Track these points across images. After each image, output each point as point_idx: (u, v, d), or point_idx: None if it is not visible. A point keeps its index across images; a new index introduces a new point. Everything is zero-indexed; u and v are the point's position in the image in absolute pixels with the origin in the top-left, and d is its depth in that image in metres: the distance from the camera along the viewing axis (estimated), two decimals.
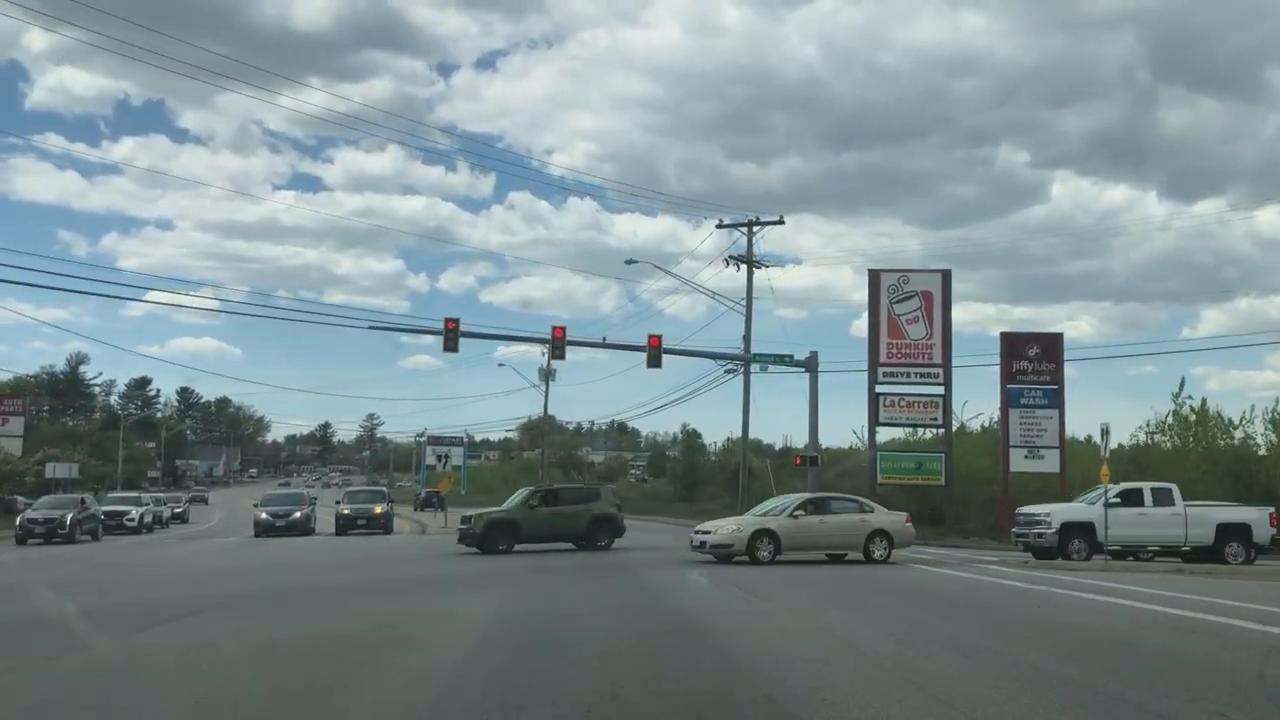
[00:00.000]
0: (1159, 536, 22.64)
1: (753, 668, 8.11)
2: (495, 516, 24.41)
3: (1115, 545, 22.13)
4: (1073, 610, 12.35)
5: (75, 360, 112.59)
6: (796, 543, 20.37)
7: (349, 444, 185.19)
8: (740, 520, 21.19)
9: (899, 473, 34.96)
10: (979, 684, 7.34)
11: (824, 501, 22.04)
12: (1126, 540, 22.45)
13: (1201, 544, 22.39)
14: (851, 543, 20.82)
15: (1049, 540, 22.44)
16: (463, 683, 7.68)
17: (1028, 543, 23.10)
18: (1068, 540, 22.36)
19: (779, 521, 20.53)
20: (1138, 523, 22.42)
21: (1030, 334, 35.77)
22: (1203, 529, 22.44)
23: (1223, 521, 22.56)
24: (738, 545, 19.97)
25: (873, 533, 20.81)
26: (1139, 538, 22.62)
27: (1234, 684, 7.45)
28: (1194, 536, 22.44)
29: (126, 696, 7.76)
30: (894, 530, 21.14)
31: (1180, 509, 22.68)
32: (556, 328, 36.52)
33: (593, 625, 10.96)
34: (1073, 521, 22.61)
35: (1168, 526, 22.53)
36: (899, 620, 11.30)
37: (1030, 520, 23.34)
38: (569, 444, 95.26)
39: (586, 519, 24.53)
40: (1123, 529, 22.14)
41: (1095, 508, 22.37)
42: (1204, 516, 22.68)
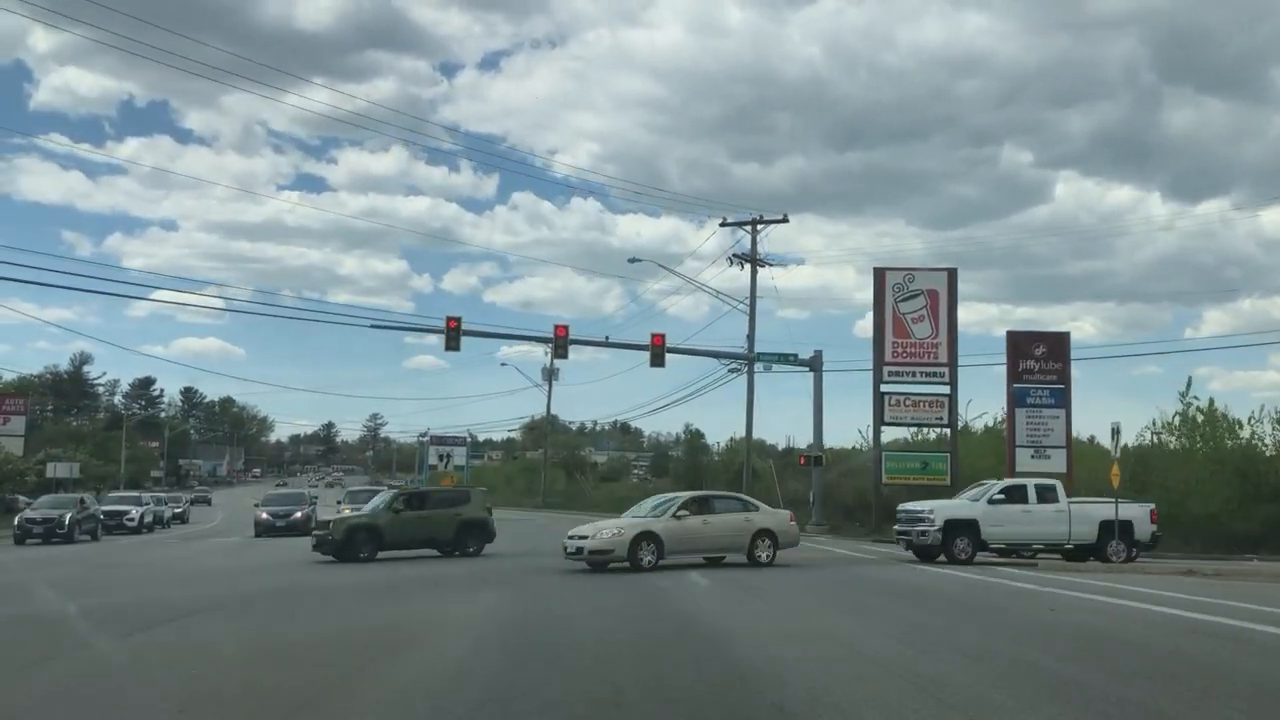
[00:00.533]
0: (1043, 534, 21.81)
1: (759, 673, 7.86)
2: (356, 521, 22.60)
3: (999, 543, 21.63)
4: (1086, 612, 12.08)
5: (79, 360, 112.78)
6: (680, 545, 18.79)
7: (352, 444, 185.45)
8: (621, 522, 19.38)
9: (904, 473, 34.71)
10: (994, 690, 7.09)
11: (708, 500, 20.44)
12: (1011, 538, 21.77)
13: (1084, 541, 21.73)
14: (736, 545, 19.39)
15: (932, 539, 21.33)
16: (460, 687, 7.44)
17: (910, 541, 22.00)
18: (952, 539, 21.26)
19: (663, 523, 18.81)
20: (1022, 520, 21.62)
21: (1037, 333, 35.46)
22: (1086, 526, 21.73)
23: (1106, 519, 21.78)
24: (619, 550, 18.20)
25: (757, 533, 19.50)
26: (1024, 535, 21.82)
27: (1257, 690, 7.20)
28: (1077, 534, 21.72)
29: (115, 700, 7.55)
30: (779, 530, 19.89)
31: (1064, 506, 21.93)
32: (559, 327, 36.40)
33: (588, 627, 10.72)
34: (957, 519, 21.53)
35: (1052, 524, 21.68)
36: (907, 623, 11.04)
37: (912, 517, 22.16)
38: (572, 444, 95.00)
39: (455, 524, 22.83)
40: (1008, 526, 21.51)
41: (980, 505, 21.71)
42: (1087, 513, 21.95)
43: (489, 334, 41.61)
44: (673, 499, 20.17)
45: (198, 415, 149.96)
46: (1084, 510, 22.04)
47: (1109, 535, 21.60)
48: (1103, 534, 21.65)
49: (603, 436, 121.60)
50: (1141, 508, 22.43)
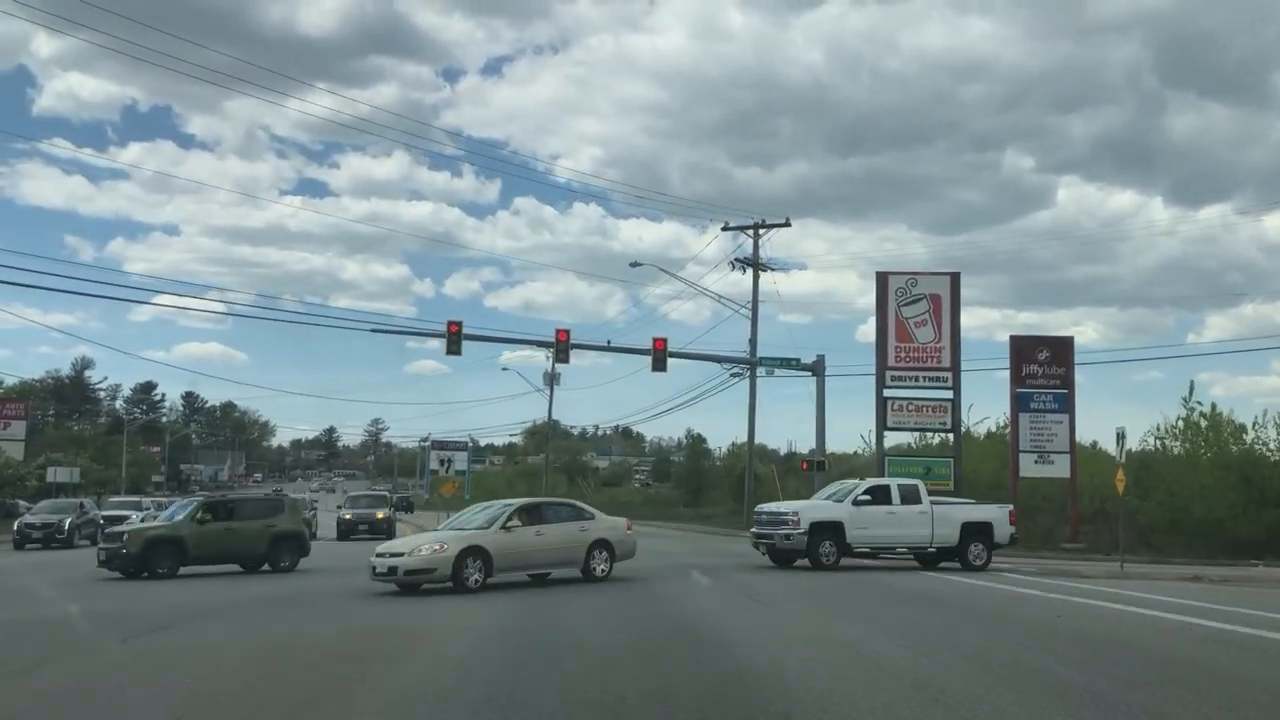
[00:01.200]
0: (908, 536, 20.79)
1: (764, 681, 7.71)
2: (156, 533, 20.10)
3: (864, 546, 20.70)
4: (1095, 620, 11.93)
5: (81, 365, 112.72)
6: (511, 561, 16.38)
7: (354, 449, 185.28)
8: (443, 535, 16.79)
9: (907, 478, 34.53)
10: (1003, 698, 6.94)
11: (539, 509, 17.79)
12: (876, 541, 20.77)
13: (946, 544, 20.80)
14: (570, 558, 17.26)
15: (797, 542, 19.95)
16: (459, 694, 7.30)
17: (772, 545, 20.48)
18: (817, 542, 19.94)
19: (491, 536, 16.21)
20: (887, 522, 20.51)
21: (1040, 337, 35.30)
22: (948, 528, 20.73)
23: (967, 520, 20.95)
24: (441, 569, 15.51)
25: (594, 545, 17.42)
26: (889, 538, 20.78)
27: (1276, 700, 7.04)
28: (940, 536, 20.72)
29: (112, 703, 7.44)
30: (616, 541, 17.80)
31: (927, 507, 20.85)
32: (560, 331, 36.24)
33: (588, 636, 10.58)
34: (822, 521, 20.18)
35: (916, 526, 20.67)
36: (914, 630, 10.88)
37: (775, 519, 20.65)
38: (573, 449, 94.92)
39: (267, 537, 20.60)
40: (872, 529, 20.44)
41: (845, 506, 20.52)
42: (949, 515, 20.99)
43: (490, 338, 41.49)
44: (502, 507, 17.56)
45: (199, 420, 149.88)
46: (946, 512, 21.11)
47: (970, 537, 20.80)
48: (964, 536, 20.78)
49: (604, 441, 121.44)
50: (1000, 509, 21.72)
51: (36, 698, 7.72)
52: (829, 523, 20.23)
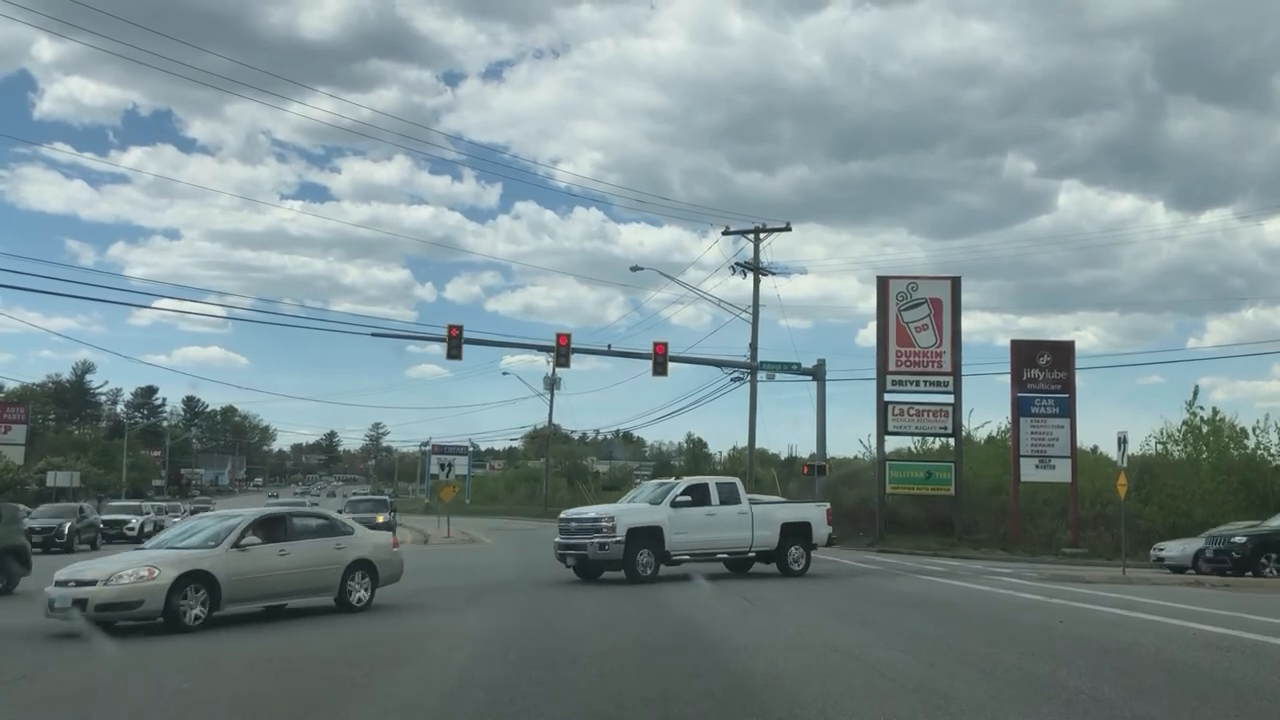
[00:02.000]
0: (728, 540, 18.93)
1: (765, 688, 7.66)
2: None
3: (683, 553, 18.52)
4: (1098, 625, 11.87)
5: (81, 369, 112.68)
6: (246, 589, 12.65)
7: (355, 453, 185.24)
8: (154, 556, 12.57)
9: (908, 482, 34.51)
10: (1009, 707, 6.89)
11: (282, 521, 13.75)
12: (696, 547, 18.61)
13: (766, 547, 19.25)
14: (323, 583, 13.63)
15: (613, 552, 17.62)
16: (458, 703, 7.26)
17: (582, 556, 17.96)
18: (635, 551, 17.67)
19: (218, 557, 12.42)
20: (707, 525, 18.56)
21: (1041, 341, 35.28)
22: (768, 530, 19.17)
23: (786, 521, 19.53)
24: (151, 601, 11.61)
25: (352, 566, 13.94)
26: (709, 543, 18.76)
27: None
28: (760, 539, 19.10)
29: (105, 713, 7.39)
30: (380, 561, 14.43)
31: (746, 507, 19.19)
32: (561, 335, 36.21)
33: (588, 642, 10.53)
34: (640, 527, 17.94)
35: (736, 528, 18.93)
36: (916, 636, 10.83)
37: (586, 527, 18.16)
38: (574, 453, 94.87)
39: None
40: (692, 534, 18.41)
41: (663, 509, 18.40)
42: (769, 516, 19.41)
43: (491, 342, 41.47)
44: (234, 519, 13.50)
45: (200, 424, 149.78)
46: (766, 512, 19.55)
47: (789, 539, 19.41)
48: (783, 538, 19.36)
49: (607, 446, 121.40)
50: (819, 508, 20.59)
51: (35, 703, 7.68)
52: (647, 528, 18.02)
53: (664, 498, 18.75)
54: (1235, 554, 21.86)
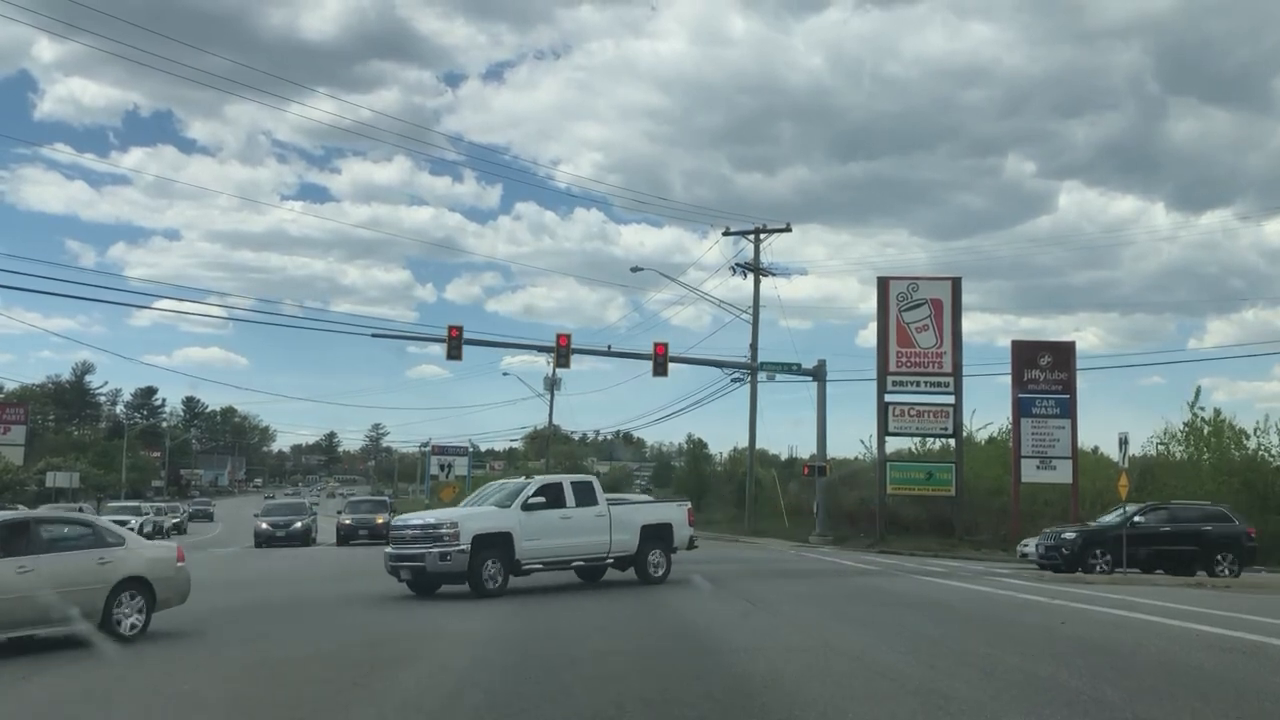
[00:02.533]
0: (585, 546, 17.03)
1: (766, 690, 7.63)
2: None
3: (535, 562, 16.46)
4: (1100, 626, 11.84)
5: (81, 370, 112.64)
6: None
7: (354, 453, 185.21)
8: None
9: (909, 483, 34.50)
10: (1011, 708, 6.86)
11: (25, 528, 11.16)
12: (550, 554, 16.63)
13: (625, 552, 17.46)
14: (83, 606, 10.72)
15: (456, 562, 15.48)
16: (458, 704, 7.24)
17: (419, 568, 15.79)
18: (482, 560, 15.64)
19: None
20: (562, 530, 16.67)
21: (1042, 342, 35.28)
22: (628, 534, 17.40)
23: (647, 523, 17.79)
24: None
25: (122, 585, 11.29)
26: (564, 549, 16.82)
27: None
28: (619, 543, 17.34)
29: (105, 715, 7.36)
30: (158, 578, 11.73)
31: (604, 509, 17.33)
32: (561, 336, 36.21)
33: (589, 643, 10.50)
34: (488, 533, 15.92)
35: (593, 532, 17.05)
36: (917, 637, 10.80)
37: (424, 534, 15.97)
38: (574, 454, 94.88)
39: None
40: (545, 539, 16.45)
41: (513, 512, 16.33)
42: (628, 518, 17.58)
43: (491, 343, 41.41)
44: None
45: (199, 425, 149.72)
46: (625, 514, 17.70)
47: (649, 543, 17.68)
48: (644, 542, 17.62)
49: (606, 446, 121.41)
50: (679, 508, 19.07)
51: (35, 705, 7.65)
52: (495, 535, 15.98)
53: (514, 500, 16.59)
54: (1065, 550, 22.00)
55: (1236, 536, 22.39)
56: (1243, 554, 22.28)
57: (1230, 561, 22.00)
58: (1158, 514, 22.92)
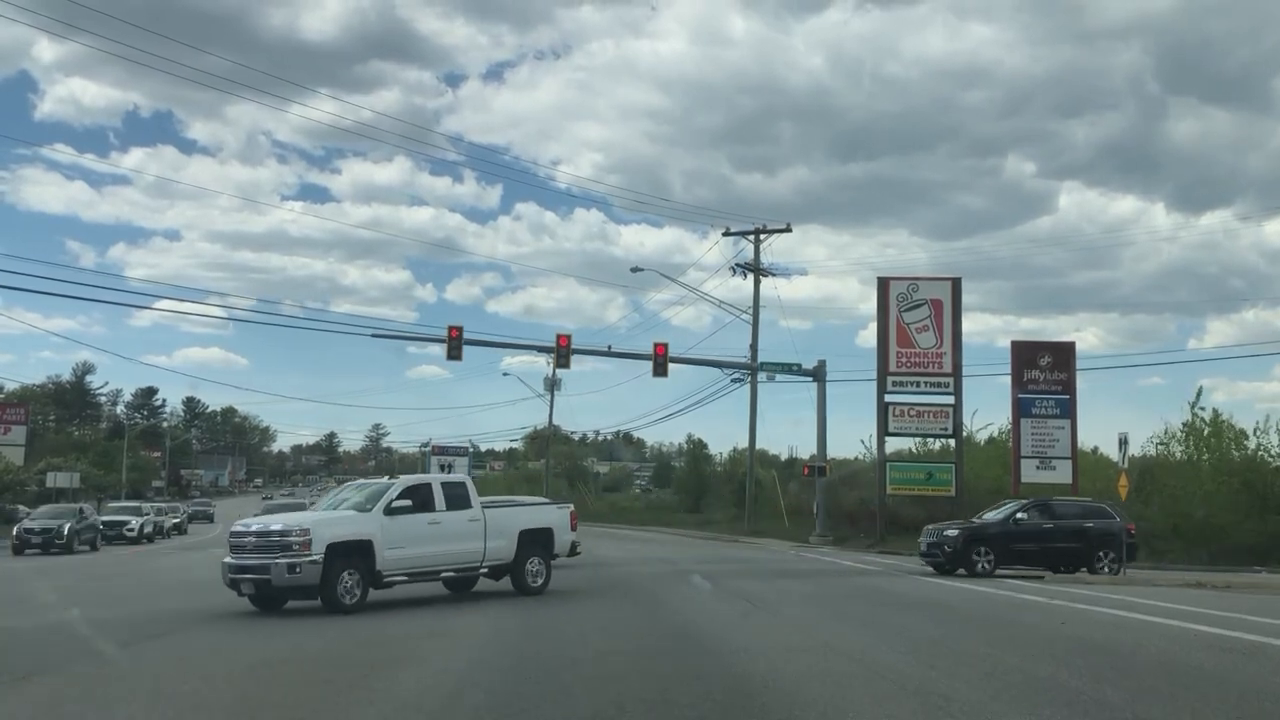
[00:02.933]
0: (456, 554, 15.29)
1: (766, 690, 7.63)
2: None
3: (399, 573, 14.57)
4: (1100, 627, 11.84)
5: (81, 370, 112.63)
6: None
7: (355, 454, 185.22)
8: None
9: (909, 483, 34.51)
10: (1010, 709, 6.86)
11: None
12: (417, 564, 14.77)
13: (501, 560, 15.83)
14: None
15: (307, 574, 13.41)
16: (458, 705, 7.23)
17: (264, 581, 13.76)
18: (337, 573, 13.62)
19: None
20: (431, 536, 14.88)
21: (1042, 342, 35.28)
22: (504, 540, 15.78)
23: (525, 528, 16.19)
24: None
25: None
26: (433, 558, 14.98)
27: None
28: (494, 550, 15.67)
29: (104, 716, 7.35)
30: None
31: (478, 513, 15.62)
32: (561, 336, 36.30)
33: (588, 643, 10.50)
34: (345, 541, 13.91)
35: (465, 539, 15.36)
36: (917, 638, 10.80)
37: (270, 542, 13.83)
38: (574, 454, 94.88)
39: None
40: (411, 548, 14.56)
41: (374, 516, 14.35)
42: (505, 523, 15.95)
43: (491, 343, 41.47)
44: None
45: (200, 425, 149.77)
46: (502, 518, 16.05)
47: (529, 550, 16.12)
48: (522, 549, 16.00)
49: (606, 446, 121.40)
50: (561, 510, 17.52)
51: (35, 705, 7.65)
52: (354, 543, 14.02)
53: (375, 503, 14.64)
54: (947, 548, 21.37)
55: (1117, 533, 21.69)
56: (1123, 551, 21.62)
57: (1111, 559, 21.40)
58: (1040, 510, 22.32)
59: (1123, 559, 21.47)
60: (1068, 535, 21.76)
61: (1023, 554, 21.61)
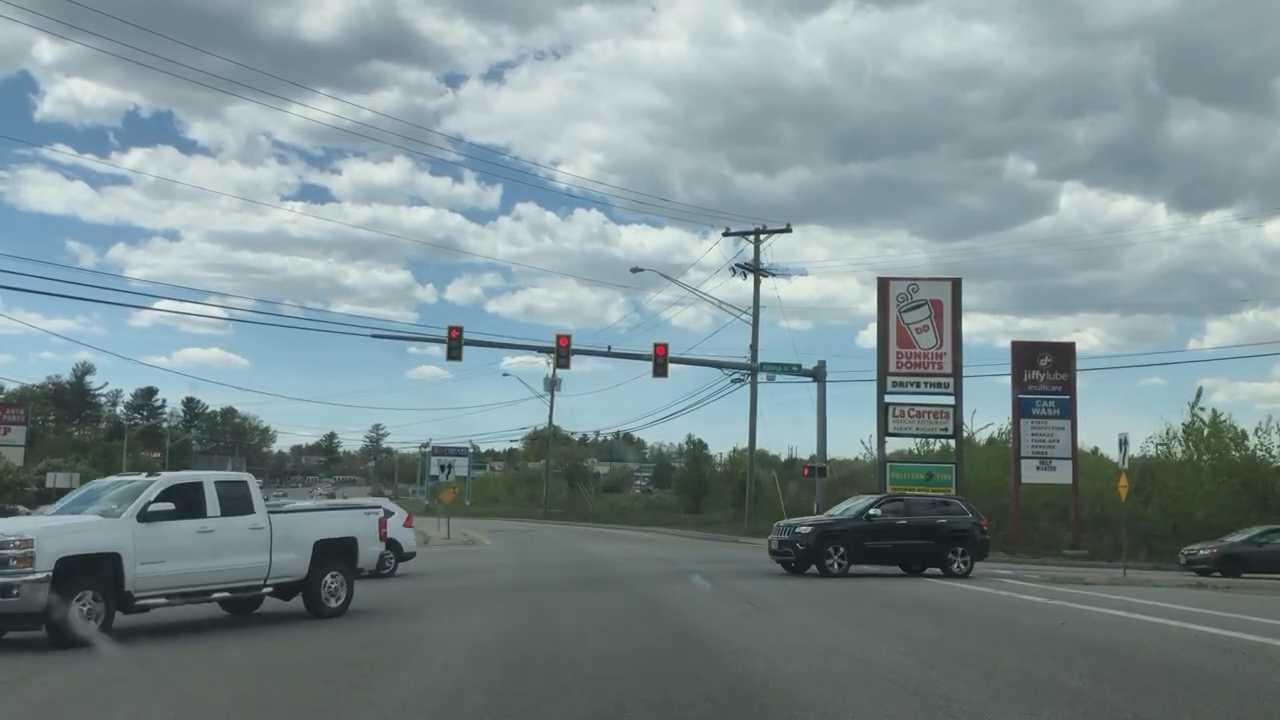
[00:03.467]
0: (232, 570, 12.32)
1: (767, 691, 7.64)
2: None
3: (157, 593, 11.58)
4: (1100, 627, 11.85)
5: (81, 370, 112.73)
6: None
7: (354, 454, 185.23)
8: None
9: (909, 484, 34.41)
10: (1011, 709, 6.86)
11: None
12: (181, 582, 11.80)
13: (292, 577, 12.93)
14: None
15: (27, 598, 10.36)
16: (458, 705, 7.23)
17: None
18: (71, 594, 10.63)
19: None
20: (200, 548, 11.99)
21: (1042, 343, 35.32)
22: (295, 552, 12.89)
23: (323, 538, 13.33)
24: None
25: None
26: (203, 575, 12.01)
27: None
28: (282, 565, 12.74)
29: (103, 717, 7.35)
30: None
31: (263, 519, 12.70)
32: (561, 337, 36.23)
33: (588, 644, 10.50)
34: (80, 555, 10.95)
35: (245, 551, 12.41)
36: (917, 638, 10.80)
37: None
38: (574, 455, 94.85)
39: None
40: (175, 561, 11.68)
41: (123, 523, 11.43)
42: (297, 532, 13.08)
43: (491, 344, 41.41)
44: None
45: (199, 425, 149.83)
46: (291, 526, 13.17)
47: (327, 564, 13.31)
48: (318, 562, 13.16)
49: (607, 447, 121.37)
50: (369, 516, 14.55)
51: (34, 705, 7.65)
52: (94, 556, 11.15)
53: (126, 505, 11.72)
54: (800, 545, 20.27)
55: (970, 530, 20.99)
56: (976, 547, 20.90)
57: (963, 556, 20.49)
58: (893, 506, 21.52)
59: (975, 556, 20.71)
60: (921, 532, 20.82)
61: (877, 552, 20.75)
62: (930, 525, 20.91)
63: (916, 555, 20.88)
